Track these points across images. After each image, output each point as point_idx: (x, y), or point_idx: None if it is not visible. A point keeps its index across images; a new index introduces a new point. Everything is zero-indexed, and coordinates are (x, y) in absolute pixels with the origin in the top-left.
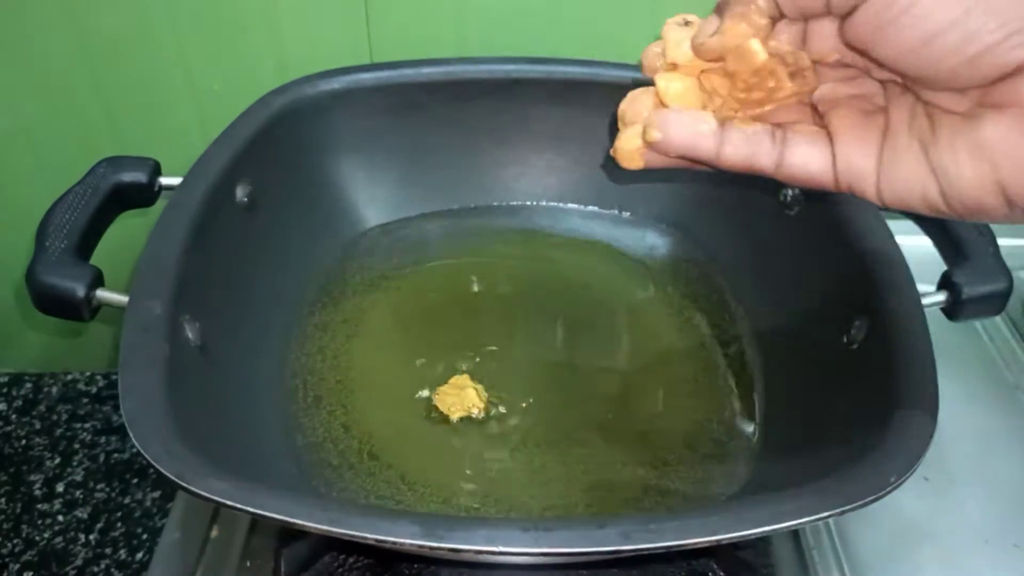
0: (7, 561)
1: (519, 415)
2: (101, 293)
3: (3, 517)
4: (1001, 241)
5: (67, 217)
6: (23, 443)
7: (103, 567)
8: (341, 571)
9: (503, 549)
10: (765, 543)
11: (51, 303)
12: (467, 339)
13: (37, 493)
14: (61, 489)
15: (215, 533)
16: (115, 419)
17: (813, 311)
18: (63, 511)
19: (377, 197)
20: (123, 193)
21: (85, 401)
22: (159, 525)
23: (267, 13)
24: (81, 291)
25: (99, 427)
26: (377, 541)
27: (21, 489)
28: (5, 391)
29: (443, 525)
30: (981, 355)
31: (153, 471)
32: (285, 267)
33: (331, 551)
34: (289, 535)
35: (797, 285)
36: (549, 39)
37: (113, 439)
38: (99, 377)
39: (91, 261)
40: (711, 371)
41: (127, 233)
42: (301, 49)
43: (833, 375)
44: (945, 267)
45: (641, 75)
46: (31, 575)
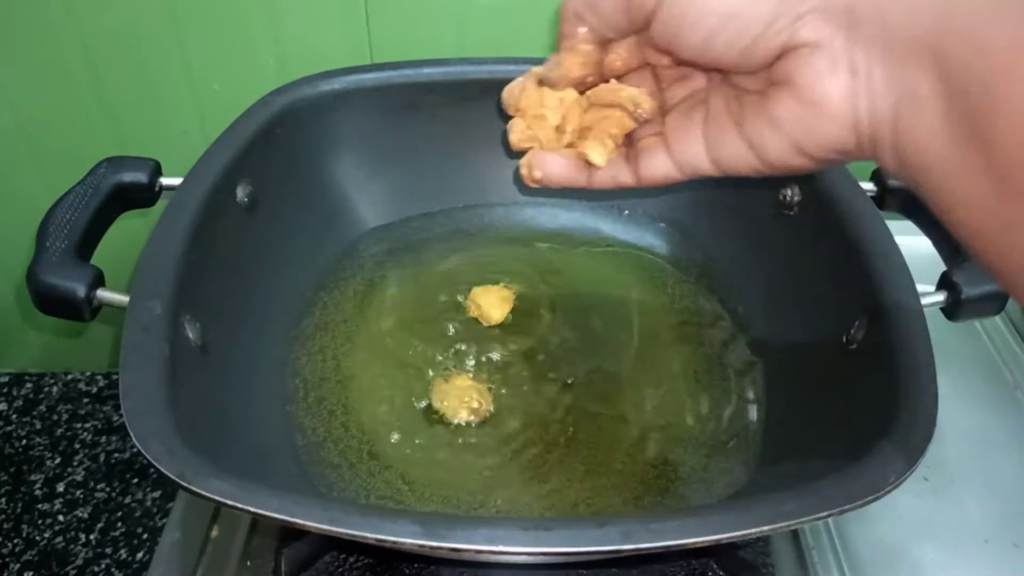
0: (7, 561)
1: (519, 415)
2: (102, 293)
3: (4, 517)
4: None
5: (68, 217)
6: (24, 443)
7: (103, 567)
8: (341, 571)
9: (503, 549)
10: (765, 543)
11: (52, 303)
12: (467, 339)
13: (38, 493)
14: (62, 489)
15: (215, 533)
16: (116, 419)
17: (813, 311)
18: (64, 511)
19: (377, 197)
20: (124, 193)
21: (86, 401)
22: (159, 525)
23: (267, 13)
24: (82, 291)
25: (100, 427)
26: (377, 541)
27: (22, 489)
28: (6, 391)
29: (443, 525)
30: (981, 355)
31: (153, 471)
32: (285, 267)
33: (331, 551)
34: (289, 535)
35: (797, 285)
36: (549, 39)
37: (114, 439)
38: (100, 377)
39: (92, 261)
40: (711, 371)
41: (128, 233)
42: (301, 49)
43: (833, 375)
44: (945, 267)
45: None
46: (31, 575)
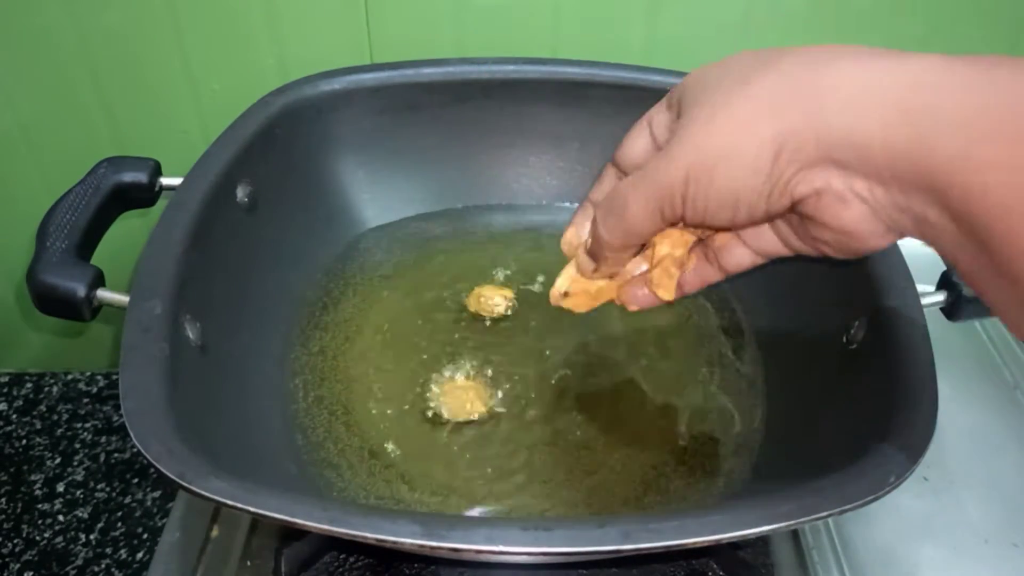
0: (7, 561)
1: (519, 415)
2: (102, 293)
3: (4, 517)
4: None
5: (68, 217)
6: (24, 443)
7: (103, 567)
8: (341, 571)
9: (503, 549)
10: (765, 543)
11: (52, 303)
12: (467, 339)
13: (38, 493)
14: (62, 489)
15: (215, 533)
16: (116, 419)
17: (813, 311)
18: (64, 511)
19: (377, 197)
20: (124, 193)
21: (86, 401)
22: (159, 525)
23: (267, 13)
24: (82, 291)
25: (100, 427)
26: (377, 541)
27: (22, 489)
28: (6, 391)
29: (443, 525)
30: (981, 355)
31: (154, 471)
32: (285, 267)
33: (331, 551)
34: (289, 535)
35: (797, 285)
36: (549, 39)
37: (114, 439)
38: (100, 377)
39: (92, 261)
40: (711, 371)
41: (128, 233)
42: (301, 49)
43: (833, 375)
44: (945, 267)
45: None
46: (31, 575)
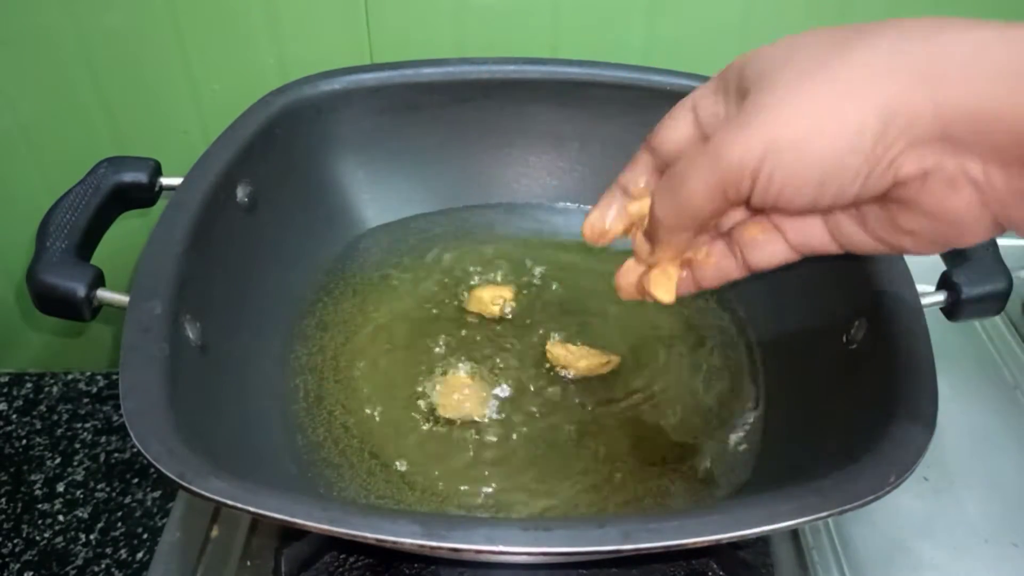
0: (7, 561)
1: (519, 415)
2: (102, 293)
3: (3, 517)
4: (1001, 241)
5: (68, 217)
6: (24, 443)
7: (103, 567)
8: (341, 571)
9: (503, 549)
10: (765, 543)
11: (52, 303)
12: (467, 339)
13: (38, 493)
14: (62, 489)
15: (215, 533)
16: (116, 419)
17: (813, 311)
18: (64, 511)
19: (377, 197)
20: (124, 193)
21: (86, 401)
22: (160, 525)
23: (267, 13)
24: (82, 291)
25: (100, 427)
26: (377, 541)
27: (22, 489)
28: (6, 391)
29: (443, 525)
30: (981, 355)
31: (154, 471)
32: (285, 267)
33: (331, 551)
34: (289, 535)
35: (797, 285)
36: (549, 39)
37: (114, 439)
38: (100, 377)
39: (92, 261)
40: (710, 371)
41: (128, 233)
42: (301, 49)
43: (833, 375)
44: (945, 267)
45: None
46: (32, 575)
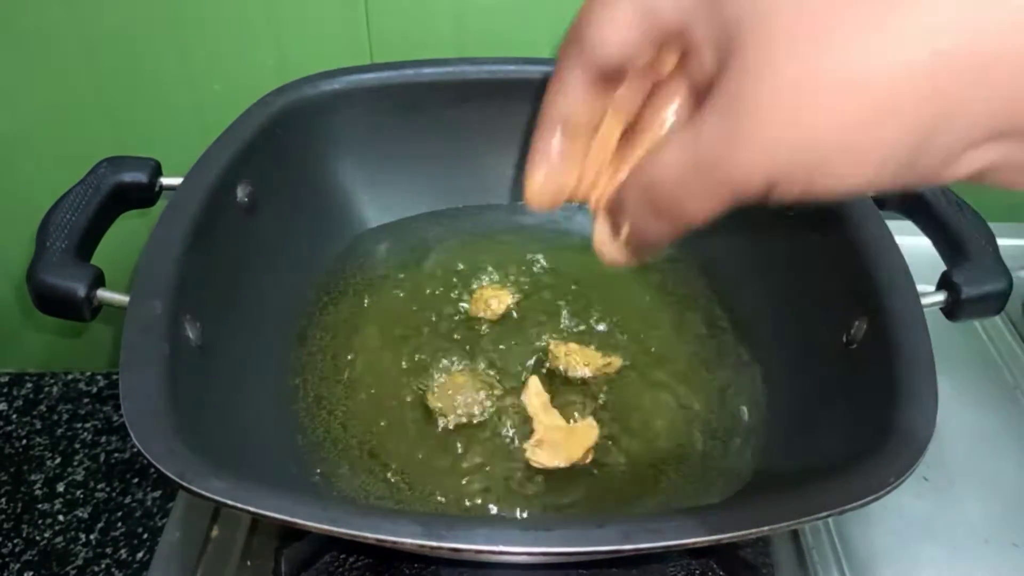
0: (8, 561)
1: (519, 414)
2: (102, 293)
3: (4, 517)
4: (1001, 241)
5: (68, 217)
6: (24, 443)
7: (103, 567)
8: (341, 571)
9: (503, 549)
10: (765, 543)
11: (52, 303)
12: (467, 338)
13: (38, 493)
14: (62, 489)
15: (215, 533)
16: (116, 419)
17: (813, 311)
18: (64, 511)
19: (377, 197)
20: (124, 193)
21: (86, 401)
22: (160, 525)
23: (267, 13)
24: (82, 291)
25: (100, 427)
26: (377, 541)
27: (22, 489)
28: (6, 391)
29: (443, 525)
30: (981, 355)
31: (154, 471)
32: (285, 267)
33: (331, 551)
34: (289, 535)
35: (797, 285)
36: (549, 39)
37: (114, 439)
38: (100, 377)
39: (92, 261)
40: (710, 371)
41: (127, 233)
42: (301, 49)
43: (833, 375)
44: (945, 267)
45: None
46: (32, 575)
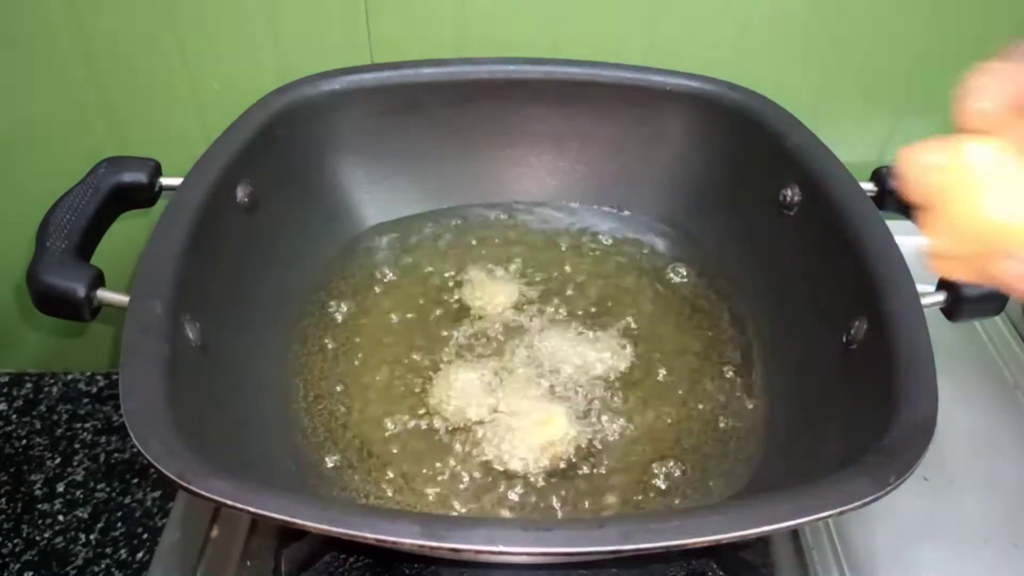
0: (8, 561)
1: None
2: (102, 293)
3: (4, 517)
4: None
5: (68, 217)
6: (24, 443)
7: (103, 567)
8: (341, 571)
9: (503, 549)
10: (765, 543)
11: (52, 303)
12: (467, 338)
13: (38, 493)
14: (61, 489)
15: (215, 533)
16: (116, 419)
17: (813, 311)
18: (63, 511)
19: (377, 197)
20: (124, 193)
21: (86, 401)
22: (159, 525)
23: (267, 13)
24: (82, 291)
25: (99, 427)
26: (377, 541)
27: (22, 489)
28: (6, 391)
29: (443, 525)
30: (981, 355)
31: (154, 471)
32: (285, 267)
33: (331, 551)
34: (289, 535)
35: (797, 285)
36: (549, 39)
37: (114, 439)
38: (100, 377)
39: (92, 261)
40: (710, 371)
41: (127, 233)
42: (301, 49)
43: (833, 375)
44: None
45: None
46: (32, 575)
